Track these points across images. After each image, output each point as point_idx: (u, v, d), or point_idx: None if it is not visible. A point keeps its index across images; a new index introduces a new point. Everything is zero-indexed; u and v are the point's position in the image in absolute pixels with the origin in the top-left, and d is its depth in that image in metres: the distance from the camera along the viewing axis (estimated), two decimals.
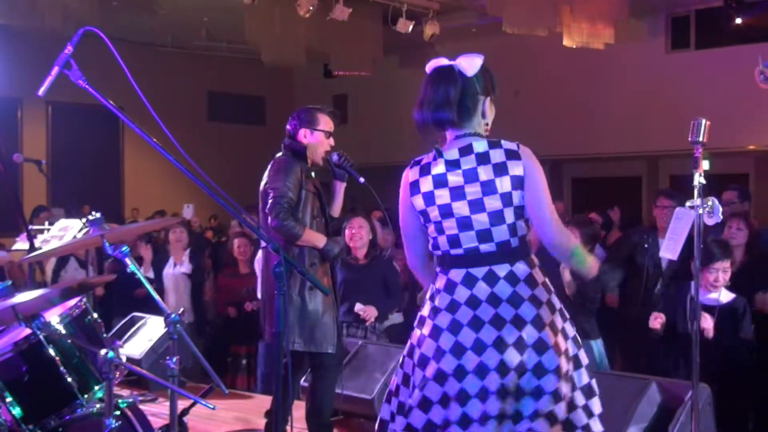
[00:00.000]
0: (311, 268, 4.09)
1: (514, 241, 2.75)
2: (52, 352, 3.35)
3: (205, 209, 11.21)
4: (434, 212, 2.80)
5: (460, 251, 2.77)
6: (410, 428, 2.75)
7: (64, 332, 3.43)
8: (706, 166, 3.53)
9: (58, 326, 3.43)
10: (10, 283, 3.36)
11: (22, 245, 5.66)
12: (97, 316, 3.72)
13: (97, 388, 3.42)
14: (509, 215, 2.74)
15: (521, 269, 2.75)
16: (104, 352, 2.92)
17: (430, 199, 2.80)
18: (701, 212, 3.49)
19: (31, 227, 5.55)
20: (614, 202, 9.15)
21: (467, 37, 13.34)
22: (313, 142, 4.22)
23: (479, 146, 2.78)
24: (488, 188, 2.73)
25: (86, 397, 3.39)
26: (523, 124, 10.25)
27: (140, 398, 4.81)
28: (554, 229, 2.79)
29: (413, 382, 2.80)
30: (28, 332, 3.35)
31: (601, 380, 2.93)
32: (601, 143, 13.81)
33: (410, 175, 2.87)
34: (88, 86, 2.51)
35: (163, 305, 3.11)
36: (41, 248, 5.05)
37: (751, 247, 5.49)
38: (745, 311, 4.68)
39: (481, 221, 2.74)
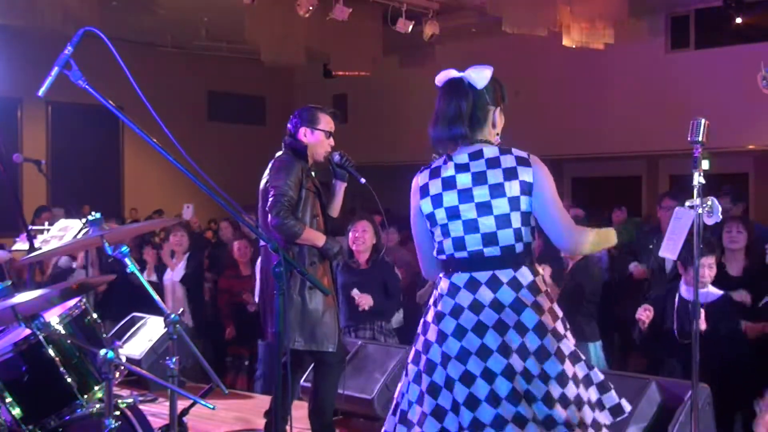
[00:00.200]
0: (311, 267, 4.09)
1: (518, 246, 2.75)
2: (51, 352, 3.35)
3: (205, 209, 11.19)
4: (441, 214, 2.80)
5: (464, 254, 2.77)
6: None
7: (63, 332, 3.43)
8: (705, 165, 3.53)
9: (57, 326, 3.42)
10: (9, 283, 3.36)
11: (21, 245, 5.67)
12: (96, 316, 3.72)
13: (96, 388, 3.42)
14: (516, 220, 2.74)
15: (525, 275, 2.75)
16: (104, 352, 2.93)
17: (438, 201, 2.81)
18: (700, 212, 3.49)
19: (31, 227, 5.55)
20: (614, 201, 9.16)
21: (467, 37, 13.34)
22: (313, 141, 4.22)
23: (489, 152, 2.80)
24: (497, 191, 2.74)
25: (86, 397, 3.39)
26: (523, 124, 10.21)
27: (140, 398, 4.80)
28: (566, 228, 2.80)
29: (421, 389, 2.78)
30: (27, 332, 3.35)
31: None
32: (601, 143, 13.81)
33: (420, 179, 2.88)
34: (87, 86, 2.51)
35: (162, 305, 3.11)
36: (41, 248, 5.06)
37: (751, 249, 5.48)
38: (733, 306, 4.68)
39: (487, 224, 2.74)
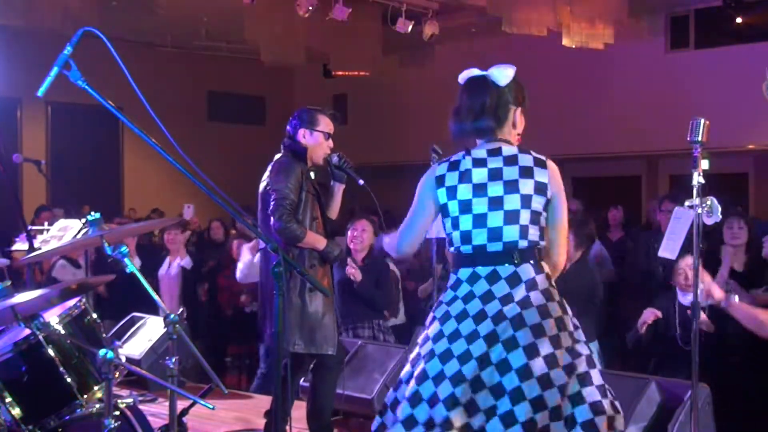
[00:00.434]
0: (311, 269, 4.09)
1: (522, 243, 2.76)
2: (51, 352, 3.35)
3: (205, 209, 11.19)
4: (453, 206, 2.82)
5: (468, 248, 2.80)
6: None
7: (63, 332, 3.43)
8: (705, 165, 3.54)
9: (57, 326, 3.42)
10: (9, 283, 3.36)
11: (21, 245, 5.66)
12: (96, 316, 3.72)
13: (96, 388, 3.42)
14: (524, 217, 2.76)
15: (527, 273, 2.75)
16: (103, 352, 2.93)
17: (452, 192, 2.82)
18: (700, 212, 3.49)
19: (31, 227, 5.55)
20: (614, 201, 9.14)
21: (467, 37, 13.32)
22: (312, 142, 4.22)
23: (508, 150, 2.84)
24: (511, 187, 2.77)
25: (86, 397, 3.40)
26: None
27: (140, 398, 4.79)
28: (561, 246, 2.90)
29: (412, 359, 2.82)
30: (27, 332, 3.35)
31: None
32: (601, 143, 13.80)
33: (438, 169, 2.89)
34: (87, 86, 2.51)
35: (161, 304, 3.11)
36: (41, 248, 5.05)
37: (751, 245, 5.49)
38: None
39: (495, 219, 2.76)
